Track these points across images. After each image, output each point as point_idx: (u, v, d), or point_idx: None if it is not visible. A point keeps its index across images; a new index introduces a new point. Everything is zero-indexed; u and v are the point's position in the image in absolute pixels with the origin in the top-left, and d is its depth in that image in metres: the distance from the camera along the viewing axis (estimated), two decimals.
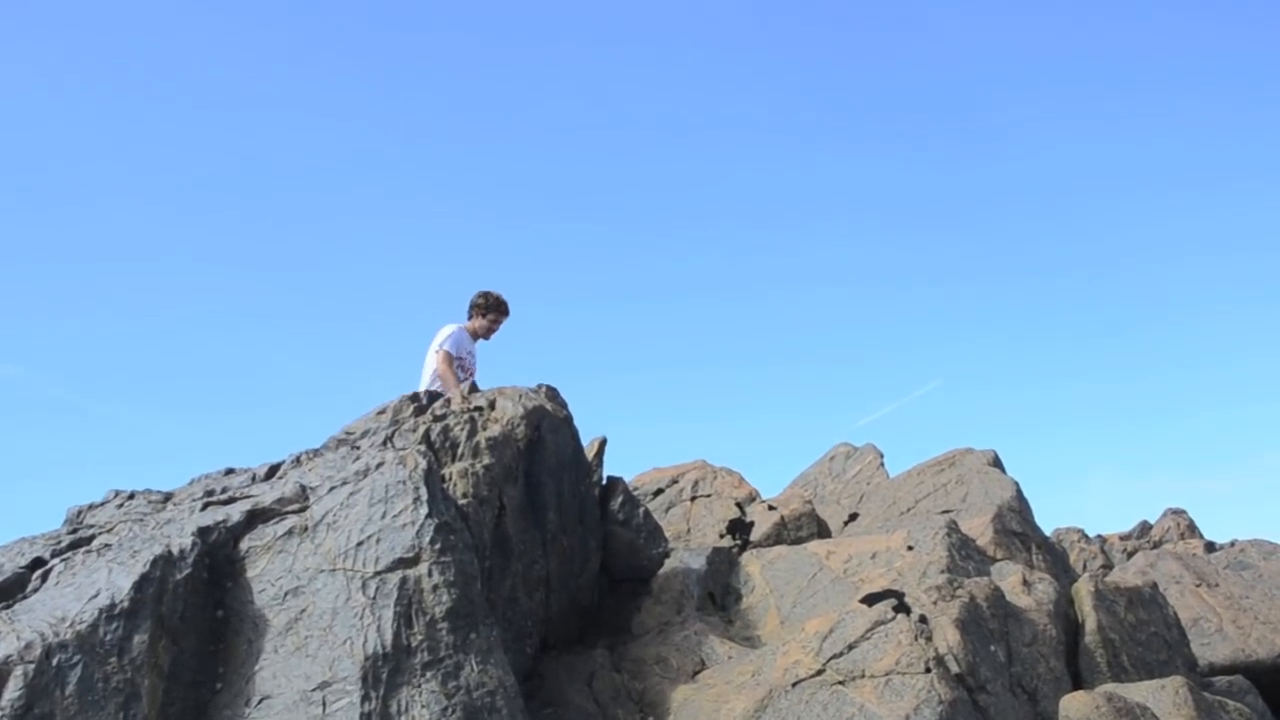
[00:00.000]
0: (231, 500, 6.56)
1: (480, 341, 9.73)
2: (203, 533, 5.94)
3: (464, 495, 6.49)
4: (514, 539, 6.77)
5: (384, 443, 6.94)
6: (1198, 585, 11.75)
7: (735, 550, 8.64)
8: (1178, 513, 18.12)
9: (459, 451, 6.83)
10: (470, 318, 9.66)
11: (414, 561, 5.67)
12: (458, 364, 9.36)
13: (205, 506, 6.51)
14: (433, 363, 9.29)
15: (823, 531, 9.13)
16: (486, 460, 6.78)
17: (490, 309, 9.64)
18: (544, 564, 7.04)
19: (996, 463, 10.40)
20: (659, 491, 10.12)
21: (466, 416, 7.08)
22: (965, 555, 7.69)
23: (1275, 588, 11.88)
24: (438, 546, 5.73)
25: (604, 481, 8.30)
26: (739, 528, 9.10)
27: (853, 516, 10.10)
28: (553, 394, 7.87)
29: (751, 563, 8.03)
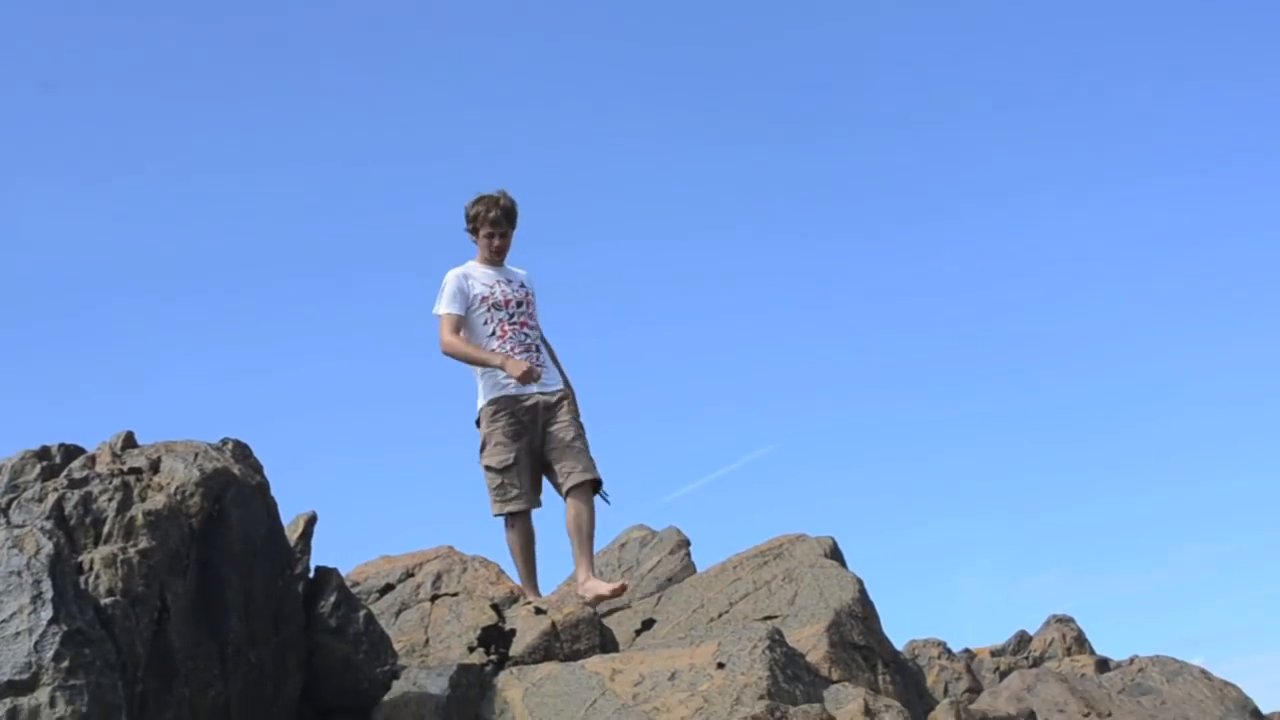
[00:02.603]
0: None
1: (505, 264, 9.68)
2: None
3: (109, 592, 6.30)
4: (180, 653, 6.60)
5: None
6: (1086, 715, 12.31)
7: (489, 669, 8.63)
8: (1063, 621, 18.97)
9: (105, 530, 6.63)
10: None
11: (30, 685, 5.49)
12: (486, 303, 9.39)
13: None
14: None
15: (607, 644, 9.19)
16: (144, 543, 6.60)
17: (476, 219, 9.49)
18: (222, 687, 6.89)
19: (835, 553, 10.67)
20: (387, 588, 10.02)
21: (118, 482, 6.89)
22: (792, 675, 7.87)
23: (1181, 718, 12.55)
24: (65, 664, 5.57)
25: (311, 574, 8.19)
26: (495, 638, 9.07)
27: (647, 624, 10.20)
28: (242, 452, 7.72)
29: (510, 685, 8.03)
